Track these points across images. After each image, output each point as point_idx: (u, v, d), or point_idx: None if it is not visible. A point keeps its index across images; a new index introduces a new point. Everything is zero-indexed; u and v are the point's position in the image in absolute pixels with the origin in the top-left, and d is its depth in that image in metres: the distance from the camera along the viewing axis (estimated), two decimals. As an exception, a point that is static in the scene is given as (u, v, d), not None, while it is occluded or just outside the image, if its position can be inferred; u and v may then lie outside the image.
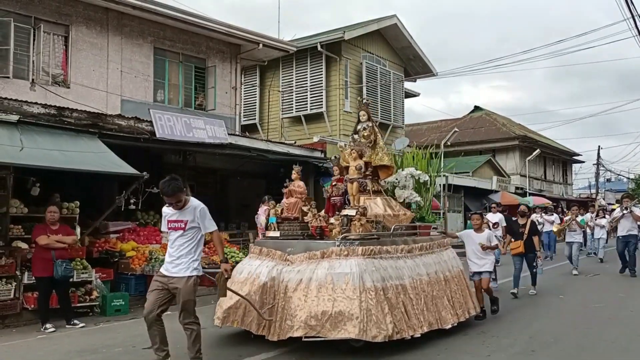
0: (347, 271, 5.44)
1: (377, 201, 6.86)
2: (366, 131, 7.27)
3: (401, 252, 6.16)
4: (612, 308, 8.39)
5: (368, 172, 7.06)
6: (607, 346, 6.04)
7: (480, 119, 33.73)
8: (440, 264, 6.74)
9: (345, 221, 6.02)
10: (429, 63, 20.58)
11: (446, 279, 6.66)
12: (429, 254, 6.65)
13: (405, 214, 7.00)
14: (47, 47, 11.56)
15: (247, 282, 6.02)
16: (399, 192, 7.46)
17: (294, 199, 6.76)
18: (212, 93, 14.49)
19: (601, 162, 42.16)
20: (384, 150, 7.21)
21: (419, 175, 7.70)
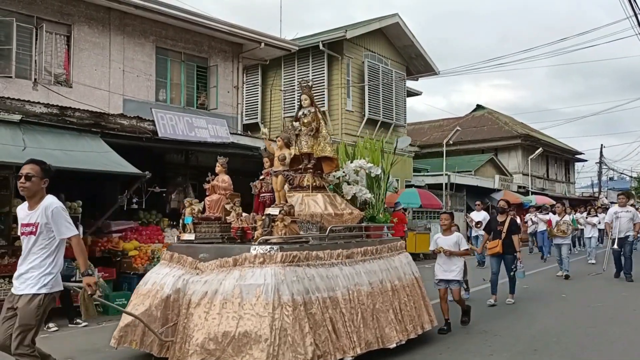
0: (260, 282, 4.48)
1: (317, 198, 5.92)
2: (307, 117, 6.28)
3: (337, 257, 5.20)
4: (614, 307, 8.38)
5: (310, 164, 6.14)
6: (610, 345, 6.04)
7: (482, 117, 33.68)
8: (389, 271, 5.78)
9: (267, 222, 5.02)
10: (431, 62, 20.56)
11: (395, 288, 5.70)
12: (375, 260, 5.70)
13: (351, 213, 6.04)
14: (49, 46, 11.58)
15: (150, 294, 5.13)
16: (346, 188, 6.48)
17: (217, 196, 5.85)
18: (214, 92, 14.50)
19: (604, 161, 42.07)
20: (326, 139, 6.24)
21: (370, 168, 6.70)
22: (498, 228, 8.70)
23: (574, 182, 40.23)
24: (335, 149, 6.50)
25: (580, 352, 5.76)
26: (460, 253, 6.86)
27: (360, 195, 6.53)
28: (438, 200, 18.83)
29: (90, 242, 9.27)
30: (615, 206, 12.14)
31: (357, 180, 6.65)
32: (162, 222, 11.35)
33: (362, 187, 6.58)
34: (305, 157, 6.17)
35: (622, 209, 11.70)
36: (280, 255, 4.67)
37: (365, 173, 6.74)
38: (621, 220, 11.51)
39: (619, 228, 11.48)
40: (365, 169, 6.70)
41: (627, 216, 11.55)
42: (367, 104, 18.08)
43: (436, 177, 22.33)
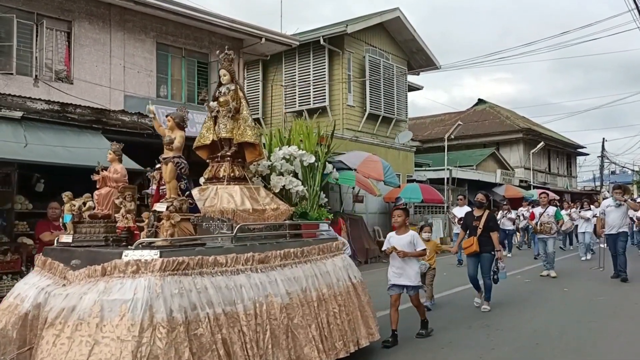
0: (128, 297, 3.50)
1: (234, 191, 5.00)
2: (225, 96, 5.28)
3: (246, 263, 4.18)
4: (616, 301, 8.38)
5: (230, 152, 5.19)
6: (612, 339, 6.04)
7: (484, 112, 33.63)
8: (317, 277, 4.78)
9: (151, 220, 4.10)
10: (432, 56, 20.52)
11: (322, 298, 4.73)
12: (299, 264, 4.69)
13: (276, 209, 5.07)
14: (50, 43, 11.57)
15: (9, 309, 4.15)
16: (274, 180, 5.57)
17: (107, 189, 4.86)
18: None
19: (605, 155, 42.05)
20: (247, 122, 5.20)
21: (302, 156, 5.72)
22: (474, 224, 7.77)
23: (575, 176, 40.21)
24: (257, 133, 5.38)
25: (582, 346, 5.77)
26: (415, 254, 6.01)
27: (290, 188, 5.59)
28: (440, 195, 18.82)
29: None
30: (609, 199, 11.05)
31: (290, 170, 5.69)
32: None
33: (292, 178, 5.64)
34: (226, 144, 5.21)
35: (615, 203, 10.56)
36: (160, 262, 3.64)
37: (300, 162, 5.79)
38: (612, 215, 10.49)
39: (611, 224, 10.50)
40: (297, 157, 5.71)
41: (621, 210, 10.48)
42: (369, 99, 18.06)
43: (438, 171, 22.33)
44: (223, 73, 5.39)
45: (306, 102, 18.00)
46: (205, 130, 5.36)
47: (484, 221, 7.68)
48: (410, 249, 5.96)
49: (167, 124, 4.43)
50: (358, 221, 15.40)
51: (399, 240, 6.07)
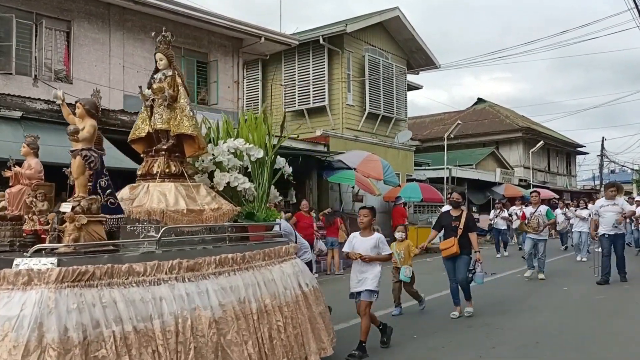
0: (14, 313, 2.99)
1: (168, 189, 4.43)
2: (162, 83, 4.68)
3: (170, 271, 3.62)
4: (616, 300, 8.38)
5: (167, 145, 4.61)
6: (612, 338, 6.04)
7: (483, 111, 33.64)
8: (259, 286, 4.22)
9: (55, 222, 3.63)
10: (431, 55, 20.52)
11: (264, 310, 4.17)
12: (238, 272, 4.12)
13: (217, 209, 4.50)
14: (49, 43, 11.56)
15: None
16: (218, 177, 4.98)
17: (19, 187, 4.30)
18: (214, 87, 14.48)
19: (605, 154, 42.04)
20: (185, 111, 4.62)
21: (248, 149, 5.10)
22: (453, 224, 7.30)
23: (575, 175, 40.24)
24: (197, 123, 4.74)
25: (582, 344, 5.77)
26: (381, 259, 5.52)
27: (236, 185, 4.98)
28: (439, 194, 18.82)
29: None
30: (602, 199, 10.27)
31: (237, 166, 5.09)
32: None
33: (237, 174, 5.02)
34: (163, 136, 4.65)
35: (609, 202, 9.86)
36: (57, 272, 3.09)
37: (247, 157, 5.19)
38: (607, 215, 9.81)
39: (605, 224, 9.83)
40: (243, 151, 5.09)
41: (615, 210, 9.78)
42: (368, 98, 18.05)
43: (437, 171, 22.34)
44: (159, 57, 4.82)
45: (306, 102, 17.99)
46: (140, 121, 4.75)
47: (463, 221, 7.19)
48: (374, 253, 5.46)
49: (77, 111, 3.93)
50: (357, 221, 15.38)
51: (363, 243, 5.55)
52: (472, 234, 7.24)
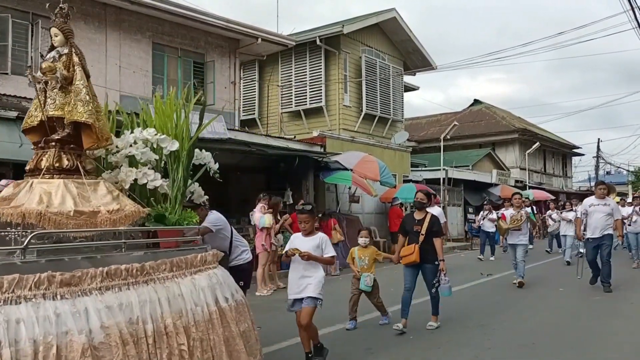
0: None
1: (54, 187, 3.75)
2: (55, 62, 4.09)
3: (35, 287, 2.90)
4: (612, 301, 8.40)
5: (62, 134, 3.91)
6: (609, 339, 6.05)
7: (479, 112, 33.72)
8: (160, 303, 3.46)
9: None
10: (428, 57, 20.55)
11: (165, 331, 3.41)
12: (132, 286, 3.35)
13: (118, 211, 3.82)
14: (45, 43, 11.53)
15: None
16: (123, 173, 4.21)
17: None
18: (211, 88, 14.47)
19: (601, 155, 42.19)
20: (80, 95, 3.93)
21: (160, 141, 4.34)
22: (415, 228, 6.51)
23: (571, 177, 40.36)
24: (93, 109, 3.98)
25: (578, 344, 5.78)
26: (322, 260, 4.92)
27: (145, 183, 4.21)
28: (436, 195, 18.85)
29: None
30: (592, 198, 9.57)
31: (150, 160, 4.33)
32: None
33: (147, 170, 4.24)
34: (58, 124, 3.94)
35: (599, 201, 9.20)
36: None
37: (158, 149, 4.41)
38: (596, 215, 9.10)
39: (594, 225, 9.12)
40: (152, 142, 4.32)
41: (605, 211, 9.07)
42: (365, 99, 18.06)
43: (434, 172, 22.36)
44: (54, 32, 4.21)
45: (302, 102, 17.99)
46: (33, 107, 4.06)
47: (426, 226, 6.45)
48: (317, 254, 4.87)
49: None
50: (354, 221, 15.40)
51: (304, 242, 4.91)
52: (437, 239, 6.47)
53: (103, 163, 4.34)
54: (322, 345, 5.09)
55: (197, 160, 4.96)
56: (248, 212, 11.71)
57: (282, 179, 14.38)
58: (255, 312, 5.30)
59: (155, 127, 4.53)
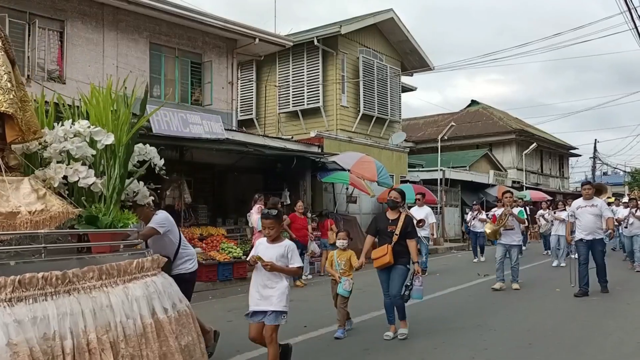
0: None
1: None
2: None
3: None
4: (608, 301, 8.42)
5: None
6: (605, 339, 6.07)
7: (477, 113, 33.77)
8: (83, 315, 3.03)
9: None
10: (425, 57, 20.58)
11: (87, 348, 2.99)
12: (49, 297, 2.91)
13: (42, 212, 3.41)
14: (42, 42, 11.51)
15: None
16: (52, 169, 3.73)
17: None
18: (208, 88, 14.46)
19: (598, 156, 42.37)
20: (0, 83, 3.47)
21: (94, 134, 3.89)
22: (389, 229, 6.15)
23: (568, 177, 40.43)
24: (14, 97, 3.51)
25: (575, 345, 5.79)
26: (287, 271, 4.44)
27: (76, 180, 3.75)
28: (433, 196, 18.87)
29: (84, 239, 9.21)
30: (580, 199, 9.19)
31: (87, 156, 3.88)
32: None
33: (80, 166, 3.78)
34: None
35: (587, 202, 8.91)
36: None
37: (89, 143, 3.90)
38: (584, 217, 8.85)
39: (584, 227, 8.84)
40: (86, 135, 3.87)
41: (593, 212, 8.80)
42: (362, 100, 18.08)
43: (431, 172, 22.39)
44: None
45: (300, 103, 17.99)
46: None
47: (400, 226, 6.09)
48: (282, 264, 4.42)
49: None
50: (352, 222, 15.41)
51: (269, 250, 4.47)
52: (411, 241, 6.09)
53: (40, 159, 3.90)
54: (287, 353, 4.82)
55: (140, 155, 4.49)
56: (245, 213, 11.72)
57: (279, 179, 14.38)
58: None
59: (93, 118, 4.05)
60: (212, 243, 11.25)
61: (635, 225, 12.47)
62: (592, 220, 8.77)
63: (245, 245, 11.12)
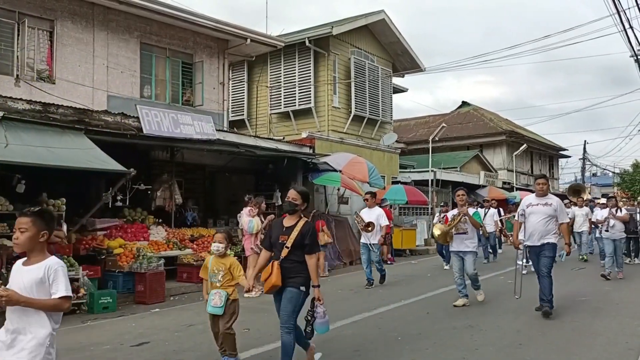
0: None
1: None
2: None
3: None
4: (597, 301, 8.49)
5: None
6: (594, 339, 6.11)
7: (467, 114, 33.93)
8: None
9: None
10: (416, 59, 20.63)
11: None
12: None
13: None
14: (31, 42, 11.42)
15: None
16: None
17: None
18: (199, 89, 14.41)
19: (587, 157, 42.67)
20: None
21: None
22: (280, 239, 4.75)
23: (557, 178, 40.71)
24: None
25: (565, 345, 5.83)
26: (45, 305, 2.91)
27: None
28: (424, 197, 18.92)
29: (74, 240, 9.18)
30: (531, 196, 7.69)
31: None
32: (148, 219, 11.28)
33: None
34: None
35: (539, 199, 7.38)
36: None
37: None
38: (533, 218, 7.34)
39: (531, 230, 7.34)
40: None
41: (545, 212, 7.26)
42: (354, 101, 18.09)
43: (422, 173, 22.45)
44: None
45: (291, 104, 17.97)
46: None
47: (295, 236, 4.66)
48: (41, 294, 2.93)
49: None
50: (343, 222, 15.42)
51: (23, 274, 2.97)
52: (311, 257, 4.65)
53: None
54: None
55: None
56: (236, 213, 11.68)
57: (270, 180, 14.35)
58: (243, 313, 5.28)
59: None
60: (202, 244, 11.21)
61: (617, 228, 11.10)
62: (542, 222, 7.14)
63: (237, 246, 11.09)
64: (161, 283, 9.34)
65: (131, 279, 9.34)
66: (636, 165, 41.42)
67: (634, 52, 17.28)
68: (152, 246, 10.25)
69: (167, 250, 10.47)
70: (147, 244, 10.28)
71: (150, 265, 9.25)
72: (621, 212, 11.49)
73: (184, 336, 6.51)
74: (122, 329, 7.01)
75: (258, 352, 5.56)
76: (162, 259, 9.70)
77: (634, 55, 18.43)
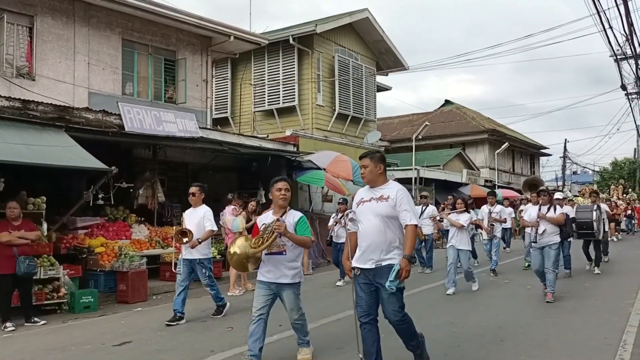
0: None
1: None
2: None
3: None
4: (577, 297, 8.62)
5: None
6: (574, 335, 6.20)
7: (450, 112, 34.18)
8: None
9: None
10: (400, 57, 20.72)
11: None
12: None
13: None
14: (11, 38, 11.23)
15: None
16: None
17: None
18: (182, 86, 14.31)
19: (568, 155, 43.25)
20: None
21: None
22: None
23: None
24: None
25: (545, 341, 5.91)
26: None
27: None
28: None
29: (55, 239, 9.06)
30: (363, 189, 5.36)
31: None
32: (130, 218, 11.17)
33: None
34: None
35: (371, 192, 4.72)
36: None
37: None
38: (364, 218, 4.90)
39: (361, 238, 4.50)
40: None
41: (379, 210, 4.61)
42: (338, 99, 18.11)
43: (405, 171, 22.57)
44: None
45: (275, 101, 17.93)
46: None
47: None
48: None
49: None
50: (327, 221, 15.42)
51: None
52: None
53: None
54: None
55: None
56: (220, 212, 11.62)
57: (254, 178, 14.31)
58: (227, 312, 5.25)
59: None
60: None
61: (548, 232, 8.33)
62: (375, 228, 4.41)
63: (220, 244, 11.03)
64: (143, 282, 9.27)
65: (113, 278, 9.26)
66: (615, 163, 42.10)
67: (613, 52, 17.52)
68: (134, 245, 10.16)
69: (149, 249, 10.38)
70: (129, 242, 10.19)
71: (132, 264, 9.18)
72: (555, 212, 8.51)
73: (166, 335, 6.46)
74: (104, 329, 6.94)
75: (242, 351, 5.53)
76: (144, 258, 9.62)
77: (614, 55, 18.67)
